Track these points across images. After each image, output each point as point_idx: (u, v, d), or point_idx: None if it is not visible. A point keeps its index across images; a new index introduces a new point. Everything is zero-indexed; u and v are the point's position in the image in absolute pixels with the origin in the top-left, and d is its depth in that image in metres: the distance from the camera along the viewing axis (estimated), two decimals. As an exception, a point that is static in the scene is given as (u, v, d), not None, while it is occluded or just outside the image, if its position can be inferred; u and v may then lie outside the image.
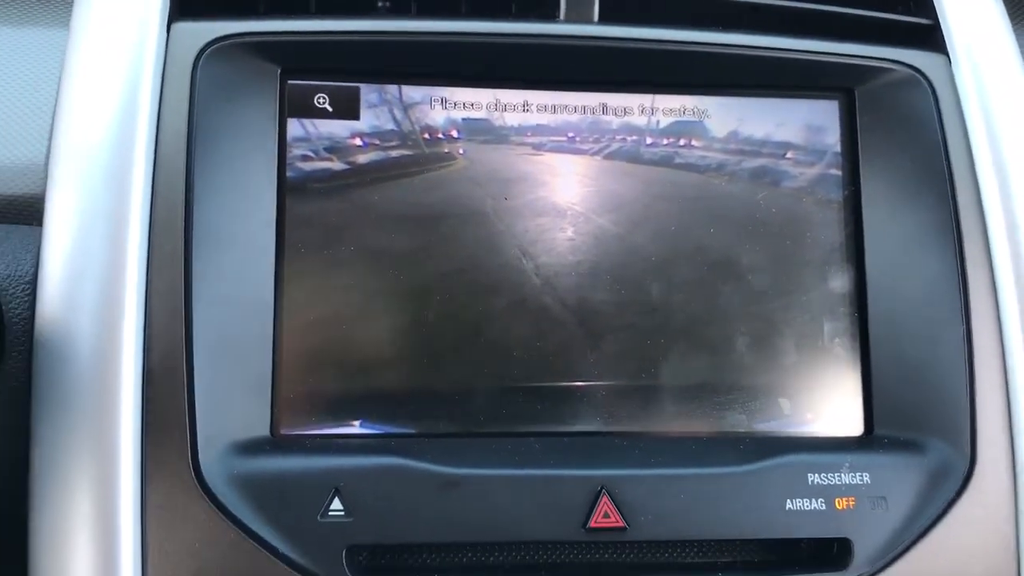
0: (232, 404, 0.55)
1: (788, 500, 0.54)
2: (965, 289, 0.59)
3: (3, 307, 0.55)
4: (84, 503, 0.53)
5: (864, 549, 0.55)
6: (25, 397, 0.55)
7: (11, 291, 0.56)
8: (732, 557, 0.56)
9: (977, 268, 0.59)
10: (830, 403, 0.59)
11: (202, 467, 0.53)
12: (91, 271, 0.55)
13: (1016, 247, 0.59)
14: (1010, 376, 0.58)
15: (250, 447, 0.54)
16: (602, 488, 0.54)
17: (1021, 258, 0.59)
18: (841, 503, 0.55)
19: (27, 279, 0.56)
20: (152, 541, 0.52)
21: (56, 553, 0.53)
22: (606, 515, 0.53)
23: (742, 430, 0.59)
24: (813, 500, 0.55)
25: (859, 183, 0.61)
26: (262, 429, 0.55)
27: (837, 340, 0.60)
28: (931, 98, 0.62)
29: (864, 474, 0.56)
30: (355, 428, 0.56)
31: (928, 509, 0.56)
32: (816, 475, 0.55)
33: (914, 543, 0.55)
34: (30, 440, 0.54)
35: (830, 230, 0.61)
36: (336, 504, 0.53)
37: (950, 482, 0.56)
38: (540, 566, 0.54)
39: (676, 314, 0.59)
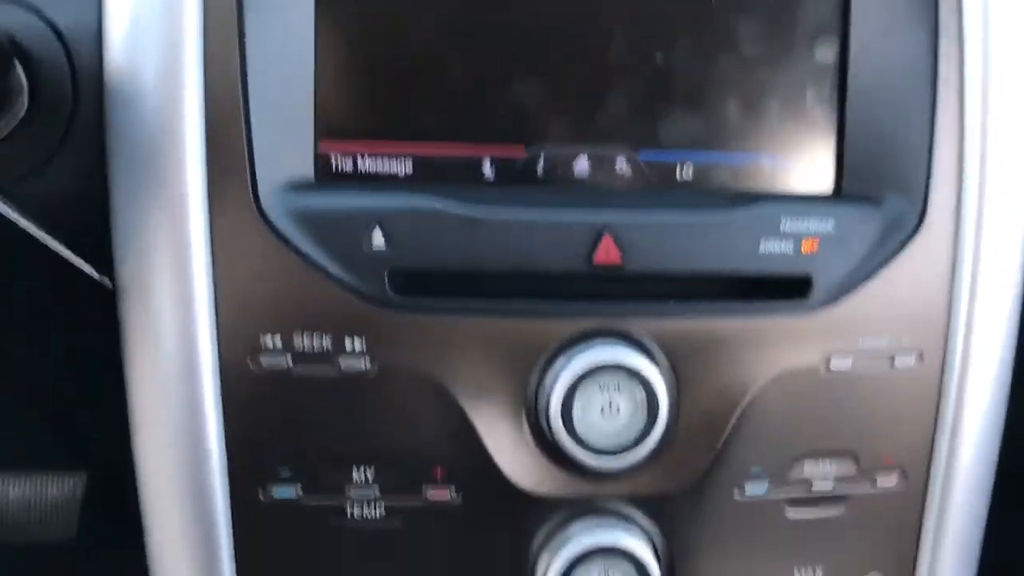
0: (284, 148, 0.63)
1: (762, 243, 0.64)
2: (936, 64, 0.66)
3: (74, 55, 0.62)
4: (161, 239, 0.62)
5: (822, 285, 0.65)
6: (100, 143, 0.62)
7: (80, 40, 0.62)
8: (711, 290, 0.66)
9: (950, 44, 0.66)
10: (807, 163, 0.68)
11: (262, 203, 0.61)
12: (153, 26, 0.61)
13: (985, 29, 0.66)
14: (964, 143, 0.66)
15: (302, 187, 0.63)
16: (604, 229, 0.63)
17: (988, 37, 0.66)
18: (807, 246, 0.65)
19: (93, 30, 0.62)
20: (220, 266, 0.62)
21: (138, 273, 0.63)
22: (607, 252, 0.63)
23: (727, 184, 0.67)
24: (783, 243, 0.64)
25: None
26: (309, 171, 0.63)
27: (818, 107, 0.67)
28: None
29: (829, 222, 0.65)
30: (392, 170, 0.65)
31: (880, 253, 0.66)
32: (788, 222, 0.64)
33: (864, 281, 0.65)
34: (108, 182, 0.63)
35: (820, 5, 0.66)
36: (378, 236, 0.62)
37: (902, 230, 0.66)
38: (550, 293, 0.65)
39: (671, 78, 0.66)
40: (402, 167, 0.65)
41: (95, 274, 0.64)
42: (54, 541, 1.68)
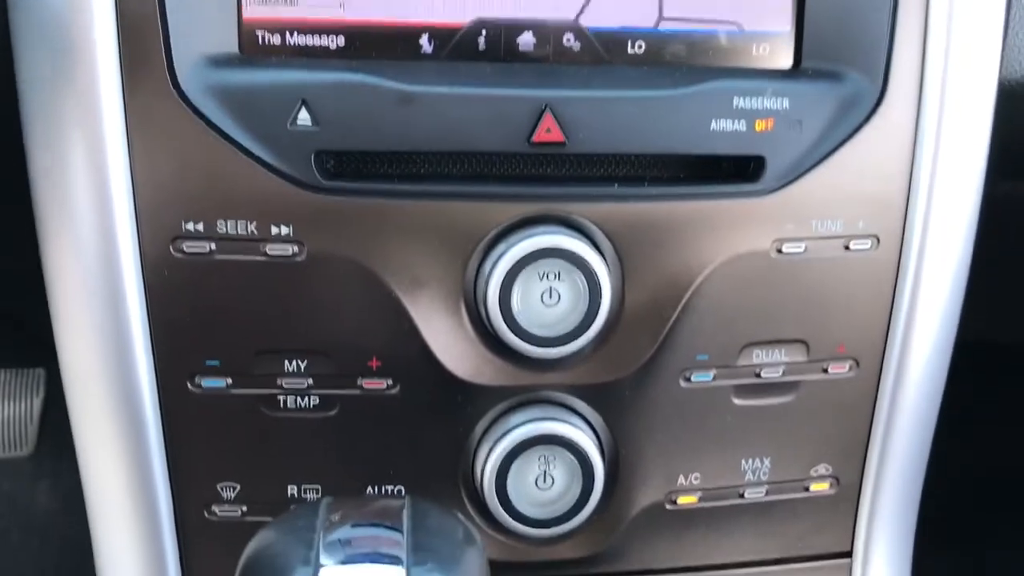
0: (204, 20, 0.58)
1: (713, 121, 0.61)
2: None
3: None
4: (73, 121, 0.58)
5: (775, 166, 0.62)
6: (3, 22, 0.58)
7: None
8: (659, 172, 0.63)
9: None
10: (763, 37, 0.63)
11: (179, 78, 0.57)
12: None
13: None
14: (928, 16, 0.62)
15: (222, 61, 0.58)
16: (546, 106, 0.59)
17: None
18: (760, 125, 0.61)
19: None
20: (137, 147, 0.58)
21: (51, 160, 0.59)
22: (548, 130, 0.59)
23: (681, 60, 0.63)
24: (736, 122, 0.61)
25: None
26: (231, 46, 0.59)
27: None
28: None
29: (784, 99, 0.61)
30: (323, 43, 0.60)
31: (836, 133, 0.62)
32: (741, 99, 0.61)
33: (819, 162, 0.62)
34: (14, 62, 0.59)
35: None
36: (303, 114, 0.58)
37: (860, 109, 0.62)
38: (488, 176, 0.61)
39: None
40: (333, 41, 0.61)
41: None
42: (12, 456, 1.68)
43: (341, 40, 0.60)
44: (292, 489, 0.63)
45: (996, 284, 0.72)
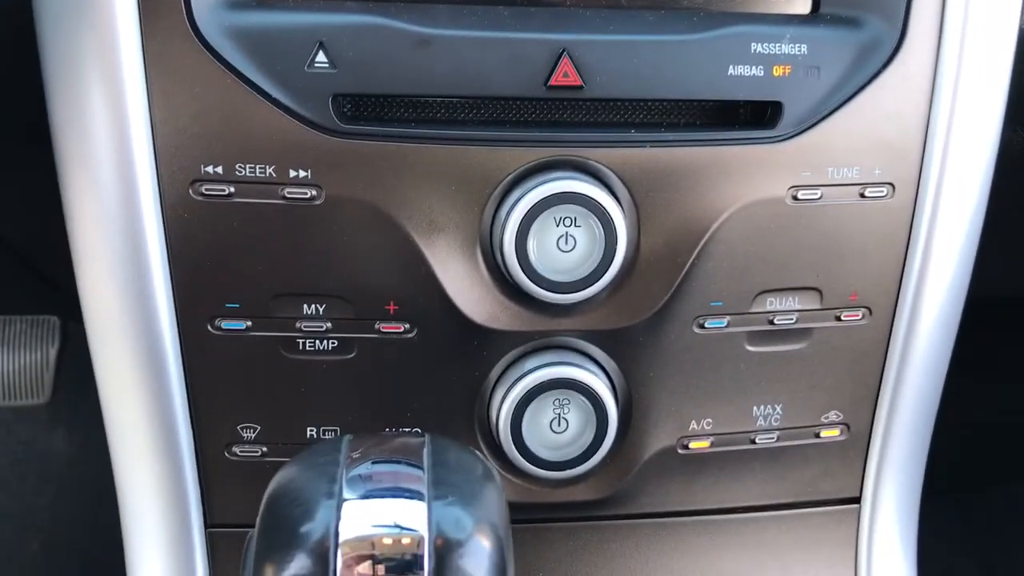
0: None
1: (731, 66, 0.60)
2: None
3: None
4: (92, 65, 0.58)
5: (793, 112, 0.62)
6: None
7: None
8: (676, 118, 0.63)
9: None
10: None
11: (197, 20, 0.57)
12: None
13: None
14: None
15: (239, 3, 0.58)
16: (563, 50, 0.59)
17: None
18: (778, 71, 0.61)
19: None
20: (155, 90, 0.58)
21: (72, 105, 0.60)
22: (565, 75, 0.59)
23: (699, 6, 0.63)
24: (754, 67, 0.61)
25: None
26: None
27: None
28: None
29: (803, 45, 0.61)
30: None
31: (855, 79, 0.62)
32: (759, 45, 0.61)
33: (837, 109, 0.62)
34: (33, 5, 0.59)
35: None
36: (321, 57, 0.58)
37: (879, 55, 0.62)
38: (505, 121, 0.61)
39: None
40: None
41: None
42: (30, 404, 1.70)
43: None
44: (311, 431, 0.64)
45: (1011, 234, 0.72)
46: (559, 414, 0.64)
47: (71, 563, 1.72)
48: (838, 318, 0.67)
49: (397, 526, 0.43)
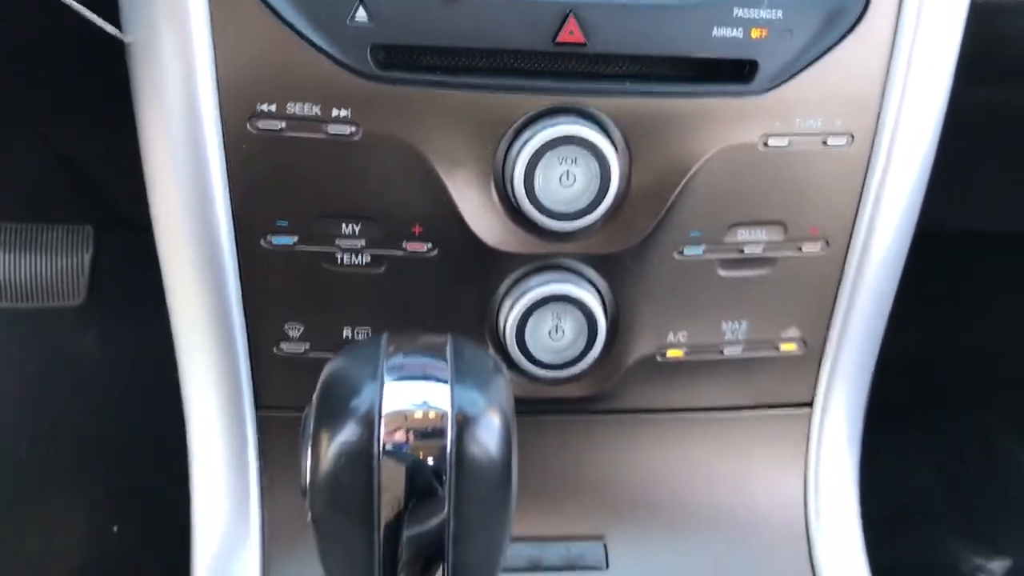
0: None
1: (715, 28, 0.70)
2: None
3: None
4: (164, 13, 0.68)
5: (767, 70, 0.71)
6: None
7: None
8: (666, 71, 0.72)
9: None
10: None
11: None
12: None
13: None
14: None
15: None
16: (570, 11, 0.68)
17: None
18: (756, 33, 0.70)
19: None
20: (219, 36, 0.68)
21: (145, 37, 0.69)
22: (571, 32, 0.69)
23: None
24: (735, 29, 0.70)
25: None
26: None
27: None
28: None
29: (778, 11, 0.70)
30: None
31: (823, 41, 0.71)
32: (740, 10, 0.70)
33: (805, 68, 0.71)
34: None
35: None
36: (360, 12, 0.67)
37: (845, 21, 0.71)
38: (518, 70, 0.71)
39: None
40: None
41: (115, 31, 0.69)
42: (64, 305, 1.80)
43: None
44: (347, 331, 0.75)
45: (954, 179, 0.82)
46: (557, 324, 0.75)
47: (100, 459, 1.84)
48: (799, 249, 0.78)
49: (426, 403, 0.54)
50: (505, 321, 0.75)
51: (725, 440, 0.83)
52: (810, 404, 0.84)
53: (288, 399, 0.74)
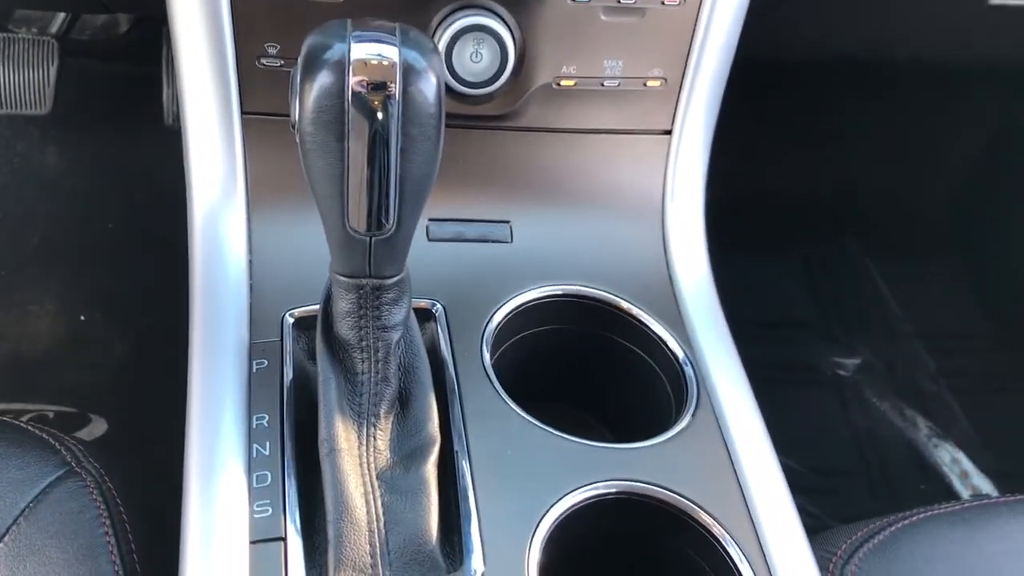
0: None
1: None
2: None
3: None
4: None
5: None
6: None
7: None
8: None
9: None
10: None
11: None
12: None
13: None
14: None
15: None
16: None
17: None
18: None
19: None
20: None
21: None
22: None
23: None
24: None
25: None
26: None
27: None
28: None
29: None
30: None
31: None
32: None
33: None
34: None
35: None
36: None
37: None
38: None
39: None
40: None
41: None
42: (31, 114, 1.96)
43: None
44: None
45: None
46: (476, 49, 0.98)
47: (65, 254, 2.03)
48: (663, 3, 1.01)
49: (380, 55, 0.76)
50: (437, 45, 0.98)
51: (604, 153, 1.08)
52: (670, 132, 1.09)
53: (265, 105, 0.97)
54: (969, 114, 2.10)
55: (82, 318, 1.92)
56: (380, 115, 0.73)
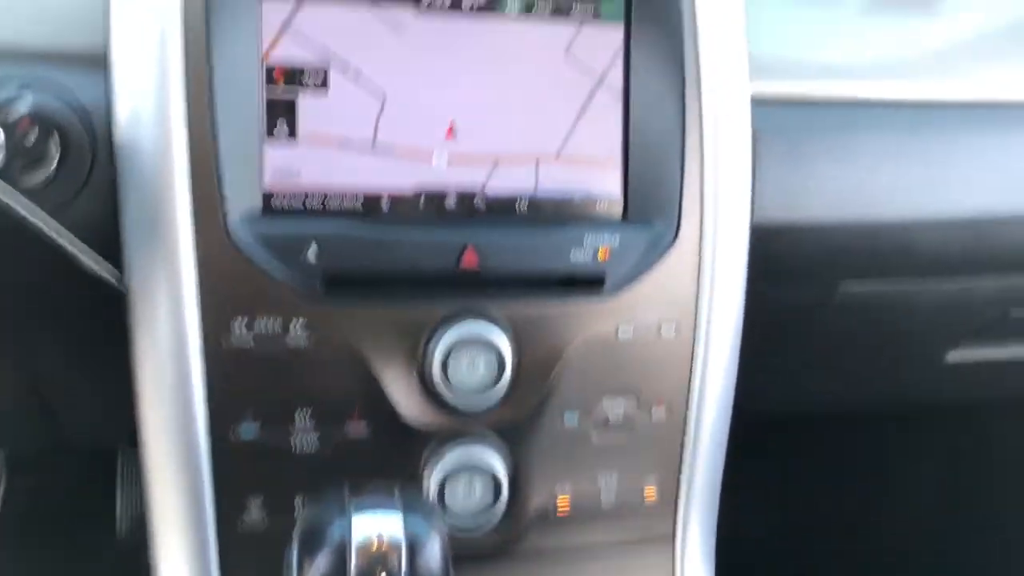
0: (240, 192, 0.90)
1: (572, 252, 0.96)
2: (684, 125, 0.99)
3: (94, 128, 0.87)
4: (160, 258, 0.88)
5: (612, 281, 0.97)
6: (113, 190, 0.89)
7: (97, 116, 0.88)
8: (541, 284, 0.97)
9: (692, 104, 0.99)
10: (605, 198, 1.00)
11: (229, 228, 0.88)
12: (149, 107, 0.88)
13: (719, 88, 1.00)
14: (704, 185, 1.00)
15: (259, 216, 0.90)
16: (468, 243, 0.93)
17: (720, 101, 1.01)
18: (602, 255, 0.97)
19: (106, 109, 0.88)
20: (203, 276, 0.88)
21: (144, 282, 0.89)
22: (469, 260, 0.93)
23: (551, 212, 0.98)
24: (585, 253, 0.96)
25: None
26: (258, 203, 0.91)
27: (610, 161, 0.99)
28: None
29: (616, 237, 0.97)
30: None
31: (650, 259, 0.98)
32: (589, 238, 0.96)
33: (639, 277, 0.98)
34: (119, 218, 0.89)
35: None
36: (313, 251, 0.90)
37: (664, 244, 0.99)
38: (432, 287, 0.94)
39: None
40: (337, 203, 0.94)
41: (116, 283, 0.89)
42: None
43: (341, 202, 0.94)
44: (298, 500, 0.92)
45: (759, 363, 1.08)
46: (468, 486, 0.95)
47: None
48: (650, 414, 1.01)
49: (383, 535, 0.72)
50: (428, 486, 0.94)
51: (607, 563, 1.03)
52: (672, 537, 1.05)
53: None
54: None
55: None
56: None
